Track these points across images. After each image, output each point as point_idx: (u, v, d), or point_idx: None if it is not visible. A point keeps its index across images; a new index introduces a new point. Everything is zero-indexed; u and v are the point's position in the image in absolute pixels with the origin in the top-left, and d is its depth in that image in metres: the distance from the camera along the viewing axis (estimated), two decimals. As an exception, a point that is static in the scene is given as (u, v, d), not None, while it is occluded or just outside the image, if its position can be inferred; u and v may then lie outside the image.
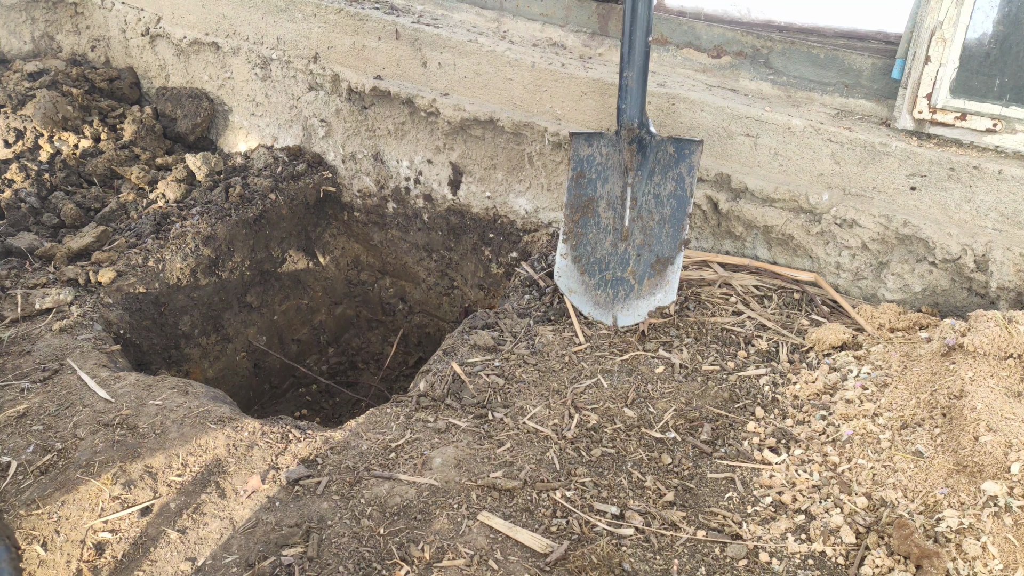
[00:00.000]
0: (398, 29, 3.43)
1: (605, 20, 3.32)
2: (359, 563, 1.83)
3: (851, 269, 2.88)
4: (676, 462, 2.21)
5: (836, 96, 2.93)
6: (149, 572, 1.84)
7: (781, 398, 2.44)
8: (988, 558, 1.81)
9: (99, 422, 2.25)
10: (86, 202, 3.53)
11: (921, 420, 2.18)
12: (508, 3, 3.52)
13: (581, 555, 1.85)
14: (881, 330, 2.67)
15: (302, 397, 4.13)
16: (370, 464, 2.14)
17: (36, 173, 3.60)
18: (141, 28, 4.21)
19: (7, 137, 3.72)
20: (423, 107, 3.44)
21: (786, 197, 2.85)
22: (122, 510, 1.98)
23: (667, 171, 2.78)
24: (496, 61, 3.26)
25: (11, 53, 4.40)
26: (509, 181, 3.49)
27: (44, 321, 2.78)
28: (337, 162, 3.97)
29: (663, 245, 2.82)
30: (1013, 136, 2.58)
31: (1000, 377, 2.17)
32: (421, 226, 3.90)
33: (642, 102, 2.74)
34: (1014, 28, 2.48)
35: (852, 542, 1.93)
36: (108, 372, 2.53)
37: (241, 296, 3.71)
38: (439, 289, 4.08)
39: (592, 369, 2.56)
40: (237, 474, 2.10)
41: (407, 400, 2.46)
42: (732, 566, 1.89)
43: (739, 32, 3.04)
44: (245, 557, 1.86)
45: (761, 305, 2.87)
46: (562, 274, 2.89)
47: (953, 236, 2.62)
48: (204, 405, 2.36)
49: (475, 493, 2.04)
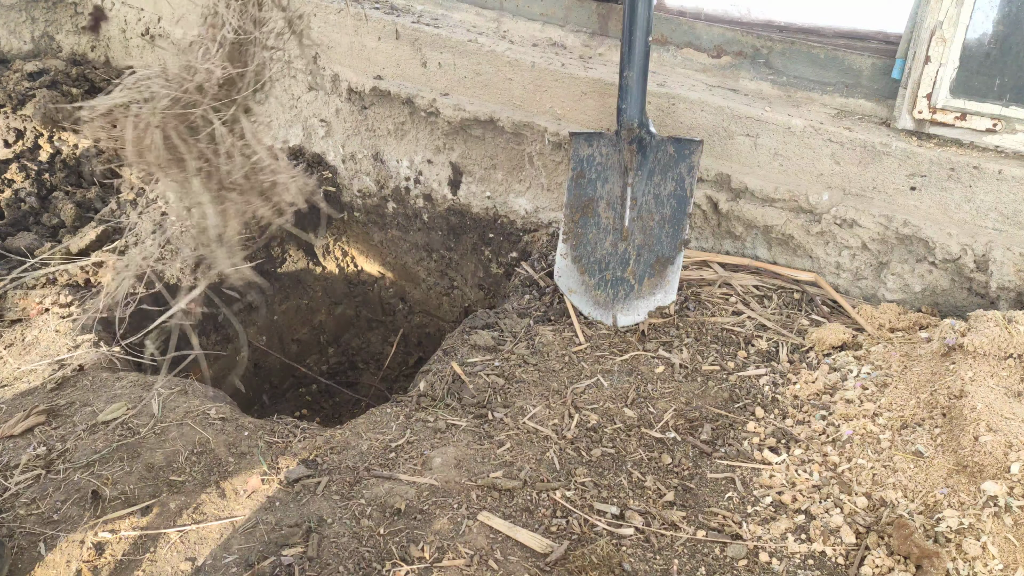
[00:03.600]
0: (398, 29, 3.43)
1: (605, 20, 3.31)
2: (359, 563, 1.83)
3: (851, 269, 2.88)
4: (676, 462, 2.21)
5: (836, 96, 2.93)
6: (149, 572, 1.84)
7: (781, 398, 2.44)
8: (988, 558, 1.81)
9: (99, 421, 2.25)
10: (86, 202, 3.53)
11: (921, 420, 2.18)
12: (508, 3, 3.52)
13: (581, 555, 1.85)
14: (881, 330, 2.67)
15: (302, 397, 4.14)
16: (370, 464, 2.14)
17: (36, 173, 3.60)
18: (141, 28, 4.21)
19: (7, 137, 3.72)
20: (423, 107, 3.44)
21: (786, 197, 2.85)
22: (122, 510, 1.98)
23: (667, 171, 2.78)
24: (496, 61, 3.26)
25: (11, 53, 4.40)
26: (509, 181, 3.49)
27: (44, 321, 2.78)
28: (337, 162, 3.97)
29: (663, 245, 2.82)
30: (1013, 136, 2.58)
31: (1000, 377, 2.17)
32: (421, 226, 3.90)
33: (642, 102, 2.74)
34: (1014, 28, 2.48)
35: (852, 542, 1.93)
36: (108, 372, 2.53)
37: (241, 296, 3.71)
38: (439, 289, 4.08)
39: (592, 369, 2.56)
40: (237, 474, 2.10)
41: (407, 400, 2.46)
42: (732, 566, 1.89)
43: (739, 32, 3.04)
44: (245, 557, 1.86)
45: (761, 305, 2.87)
46: (562, 274, 2.89)
47: (953, 236, 2.62)
48: (204, 405, 2.36)
49: (475, 493, 2.04)
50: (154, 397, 2.37)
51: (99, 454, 2.13)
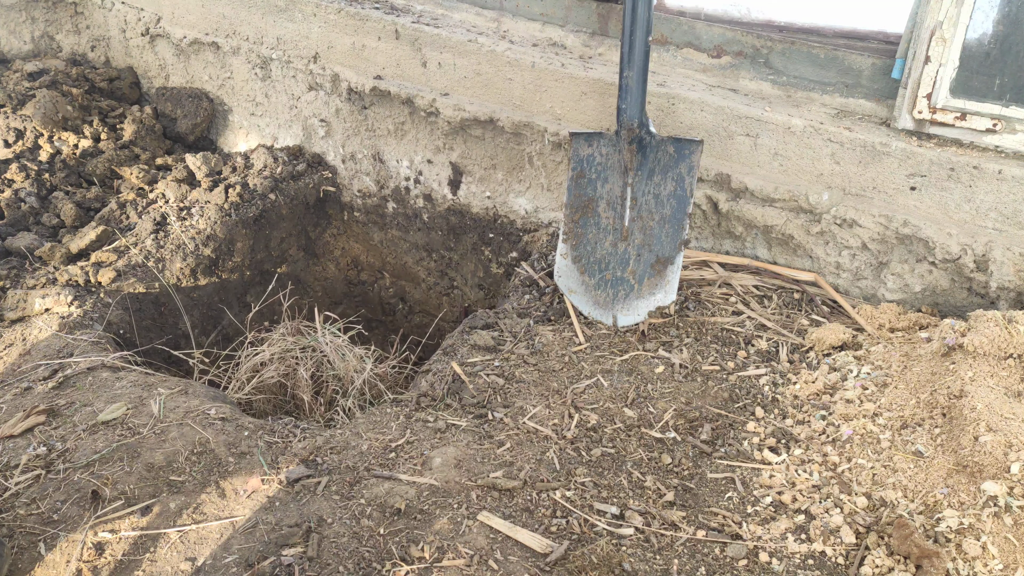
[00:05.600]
0: (398, 29, 3.43)
1: (605, 20, 3.31)
2: (359, 563, 1.83)
3: (851, 269, 2.88)
4: (676, 462, 2.21)
5: (836, 96, 2.93)
6: (149, 572, 1.84)
7: (781, 398, 2.44)
8: (988, 558, 1.81)
9: (99, 421, 2.25)
10: (86, 202, 3.53)
11: (921, 420, 2.18)
12: (508, 3, 3.52)
13: (581, 555, 1.85)
14: (881, 330, 2.67)
15: (302, 397, 4.13)
16: (370, 464, 2.14)
17: (36, 173, 3.60)
18: (141, 28, 4.21)
19: (7, 137, 3.72)
20: (423, 107, 3.44)
21: (786, 197, 2.85)
22: (122, 510, 1.98)
23: (667, 171, 2.78)
24: (496, 61, 3.26)
25: (11, 53, 4.40)
26: (509, 181, 3.49)
27: (44, 321, 2.78)
28: (337, 162, 3.97)
29: (663, 245, 2.82)
30: (1013, 136, 2.58)
31: (1000, 377, 2.17)
32: (421, 226, 3.90)
33: (642, 102, 2.74)
34: (1014, 28, 2.48)
35: (852, 542, 1.93)
36: (108, 372, 2.53)
37: (241, 296, 3.71)
38: (439, 289, 4.08)
39: (592, 369, 2.56)
40: (237, 474, 2.10)
41: (407, 400, 2.46)
42: (732, 566, 1.89)
43: (739, 32, 3.04)
44: (245, 557, 1.86)
45: (761, 305, 2.87)
46: (562, 274, 2.89)
47: (953, 236, 2.62)
48: (204, 405, 2.36)
49: (475, 493, 2.04)
50: (154, 397, 2.37)
51: (99, 454, 2.13)
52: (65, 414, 2.30)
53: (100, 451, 2.14)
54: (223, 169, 3.88)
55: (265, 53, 3.82)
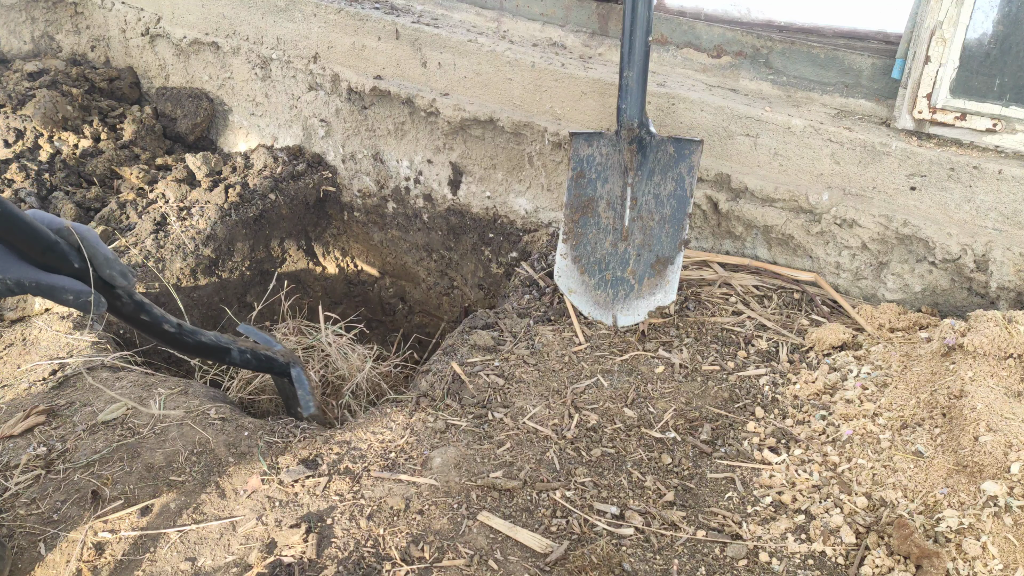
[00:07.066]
0: (398, 29, 3.43)
1: (605, 20, 3.32)
2: (359, 563, 1.83)
3: (851, 269, 2.88)
4: (676, 462, 2.21)
5: (836, 96, 2.93)
6: (149, 572, 1.84)
7: (781, 398, 2.44)
8: (988, 558, 1.81)
9: (100, 421, 2.25)
10: (86, 202, 3.53)
11: (921, 420, 2.18)
12: (508, 3, 3.52)
13: (581, 555, 1.85)
14: (881, 330, 2.67)
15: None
16: (370, 464, 2.14)
17: (36, 173, 3.60)
18: (141, 28, 4.21)
19: (7, 137, 3.72)
20: (423, 107, 3.44)
21: (786, 197, 2.85)
22: (122, 510, 1.98)
23: (667, 171, 2.78)
24: (496, 61, 3.26)
25: (11, 53, 4.40)
26: (509, 181, 3.49)
27: (44, 321, 2.78)
28: (337, 162, 3.97)
29: (663, 245, 2.82)
30: (1013, 136, 2.58)
31: (1000, 377, 2.17)
32: (421, 226, 3.90)
33: (642, 102, 2.74)
34: (1014, 28, 2.48)
35: (852, 542, 1.93)
36: (108, 372, 2.53)
37: (241, 296, 3.71)
38: (439, 289, 4.08)
39: (592, 369, 2.56)
40: (237, 474, 2.10)
41: (407, 400, 2.46)
42: (732, 566, 1.89)
43: (739, 32, 3.04)
44: (245, 557, 1.86)
45: (761, 305, 2.87)
46: (562, 274, 2.89)
47: (953, 236, 2.62)
48: (204, 405, 2.36)
49: (475, 493, 2.04)
50: (154, 397, 2.37)
51: (99, 454, 2.13)
52: (65, 414, 2.30)
53: (100, 451, 2.14)
54: (223, 169, 3.88)
55: (265, 53, 3.82)
